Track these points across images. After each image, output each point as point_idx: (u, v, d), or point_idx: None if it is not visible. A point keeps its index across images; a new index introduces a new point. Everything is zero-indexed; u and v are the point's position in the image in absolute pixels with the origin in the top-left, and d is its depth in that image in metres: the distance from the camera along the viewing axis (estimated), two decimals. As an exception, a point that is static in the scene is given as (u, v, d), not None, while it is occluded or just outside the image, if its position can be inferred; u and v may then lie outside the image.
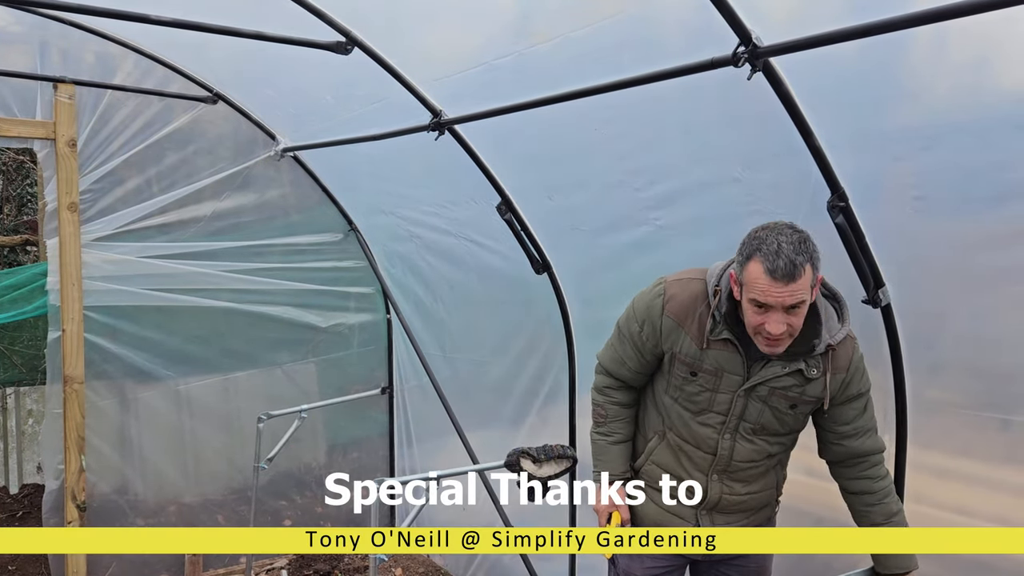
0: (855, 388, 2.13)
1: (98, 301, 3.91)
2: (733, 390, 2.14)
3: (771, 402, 2.13)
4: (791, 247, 1.89)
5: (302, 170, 4.46)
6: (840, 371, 2.10)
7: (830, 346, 2.07)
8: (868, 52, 1.87)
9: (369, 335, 4.78)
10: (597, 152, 2.82)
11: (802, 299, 1.93)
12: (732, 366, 2.12)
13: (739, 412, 2.16)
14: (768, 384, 2.12)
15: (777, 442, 2.22)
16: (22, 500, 5.23)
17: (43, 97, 3.72)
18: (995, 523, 2.17)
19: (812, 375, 2.09)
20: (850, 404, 2.14)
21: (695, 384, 2.18)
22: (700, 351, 2.13)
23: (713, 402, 2.17)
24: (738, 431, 2.18)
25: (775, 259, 1.88)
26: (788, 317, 1.94)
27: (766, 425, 2.16)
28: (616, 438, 2.35)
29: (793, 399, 2.12)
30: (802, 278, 1.90)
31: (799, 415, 2.16)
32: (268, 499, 4.55)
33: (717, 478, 2.23)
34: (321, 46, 2.84)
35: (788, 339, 2.00)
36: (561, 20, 2.39)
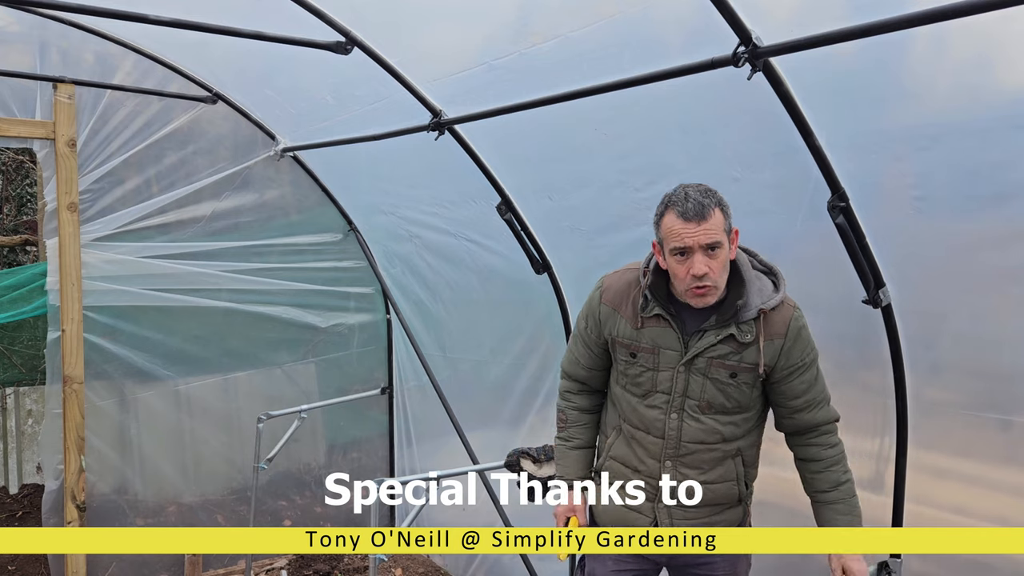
0: (797, 356, 2.11)
1: (98, 301, 3.90)
2: (672, 366, 2.14)
3: (711, 373, 2.12)
4: (697, 193, 2.01)
5: (302, 170, 4.46)
6: (777, 336, 2.09)
7: (762, 311, 2.08)
8: (868, 52, 1.87)
9: (369, 335, 4.78)
10: (597, 152, 2.82)
11: (717, 240, 1.99)
12: (668, 341, 2.14)
13: (682, 389, 2.14)
14: (705, 355, 2.11)
15: (728, 422, 2.16)
16: (22, 500, 5.23)
17: (43, 97, 3.72)
18: (995, 523, 2.17)
19: (746, 340, 2.09)
20: (798, 377, 2.13)
21: (636, 365, 2.19)
22: (636, 331, 2.17)
23: (656, 381, 2.17)
24: (684, 409, 2.16)
25: (684, 203, 2.00)
26: (708, 260, 2.00)
27: (711, 401, 2.13)
28: (575, 443, 2.37)
29: (732, 367, 2.11)
30: (712, 218, 1.98)
31: (742, 385, 2.13)
32: (268, 499, 4.55)
33: (671, 464, 2.19)
34: (321, 46, 2.84)
35: (715, 289, 2.03)
36: (561, 20, 2.40)
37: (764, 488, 2.79)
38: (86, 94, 3.83)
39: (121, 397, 4.06)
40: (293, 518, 4.64)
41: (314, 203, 4.54)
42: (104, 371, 3.98)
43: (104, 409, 4.01)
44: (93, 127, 3.86)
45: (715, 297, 2.06)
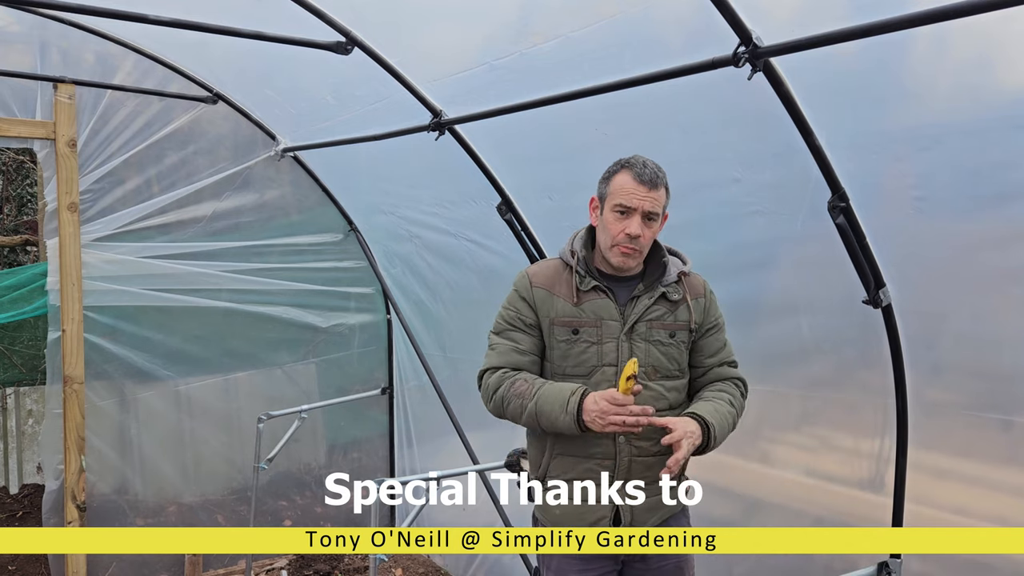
0: (713, 314, 2.29)
1: (98, 301, 3.91)
2: (616, 336, 2.18)
3: (652, 336, 2.20)
4: (654, 164, 2.15)
5: (302, 170, 4.46)
6: (699, 296, 2.28)
7: (682, 273, 2.26)
8: (869, 52, 1.87)
9: (369, 335, 4.78)
10: (597, 152, 2.82)
11: (658, 211, 2.14)
12: (608, 312, 2.20)
13: (627, 358, 2.16)
14: (644, 320, 2.20)
15: (672, 387, 2.23)
16: (22, 500, 5.23)
17: (43, 97, 3.72)
18: (995, 524, 2.17)
19: (675, 298, 2.23)
20: (714, 334, 2.30)
21: (580, 342, 2.18)
22: (575, 307, 2.21)
23: (602, 355, 2.18)
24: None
25: (642, 168, 2.13)
26: (644, 227, 2.13)
27: (656, 365, 2.20)
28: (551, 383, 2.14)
29: (669, 326, 2.22)
30: (660, 190, 2.14)
31: (680, 344, 2.24)
32: (268, 499, 4.55)
33: (624, 439, 2.16)
34: (321, 46, 2.84)
35: (639, 254, 2.17)
36: (561, 20, 2.40)
37: (764, 488, 2.80)
38: (86, 94, 3.83)
39: (121, 397, 4.07)
40: (293, 518, 4.64)
41: (314, 203, 4.54)
42: (104, 371, 3.98)
43: (104, 409, 4.01)
44: (93, 127, 3.86)
45: (636, 262, 2.19)
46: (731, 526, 2.73)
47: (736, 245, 2.57)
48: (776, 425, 2.76)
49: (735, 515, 2.60)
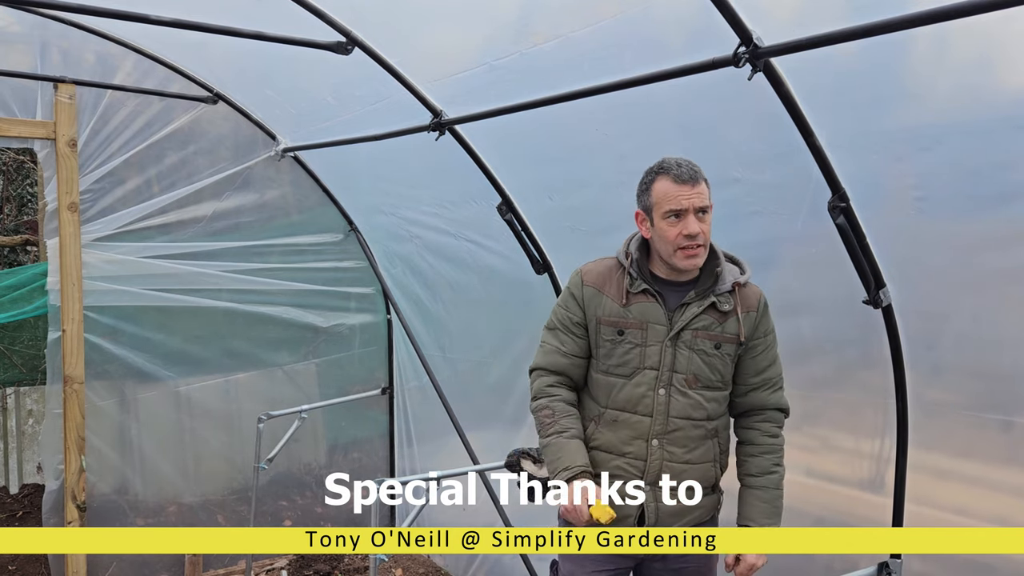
0: (763, 330, 2.23)
1: (98, 301, 3.90)
2: (660, 340, 2.18)
3: (696, 345, 2.18)
4: (687, 162, 2.13)
5: (302, 170, 4.46)
6: (751, 309, 2.21)
7: (737, 284, 2.20)
8: (869, 52, 1.87)
9: (369, 335, 4.78)
10: (598, 152, 2.82)
11: (707, 203, 2.12)
12: (655, 316, 2.19)
13: (670, 363, 2.18)
14: (691, 327, 2.17)
15: (712, 398, 2.21)
16: (22, 500, 5.23)
17: (43, 97, 3.72)
18: (996, 524, 2.17)
19: (725, 309, 2.18)
20: (763, 352, 2.24)
21: (624, 344, 2.21)
22: (623, 308, 2.21)
23: (644, 357, 2.19)
24: (672, 384, 2.18)
25: (678, 169, 2.11)
26: (700, 223, 2.11)
27: (698, 374, 2.18)
28: (571, 433, 2.22)
29: (715, 337, 2.19)
30: (702, 184, 2.12)
31: (725, 356, 2.20)
32: (268, 499, 4.55)
33: (657, 443, 2.18)
34: (321, 46, 2.84)
35: (704, 250, 2.14)
36: (562, 20, 2.40)
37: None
38: (87, 94, 3.83)
39: (122, 397, 4.06)
40: (293, 518, 4.64)
41: (315, 203, 4.54)
42: (105, 371, 3.98)
43: (105, 409, 4.01)
44: (94, 127, 3.86)
45: (703, 259, 2.15)
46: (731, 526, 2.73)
47: (736, 245, 2.57)
48: (776, 425, 2.76)
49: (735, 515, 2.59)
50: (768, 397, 2.25)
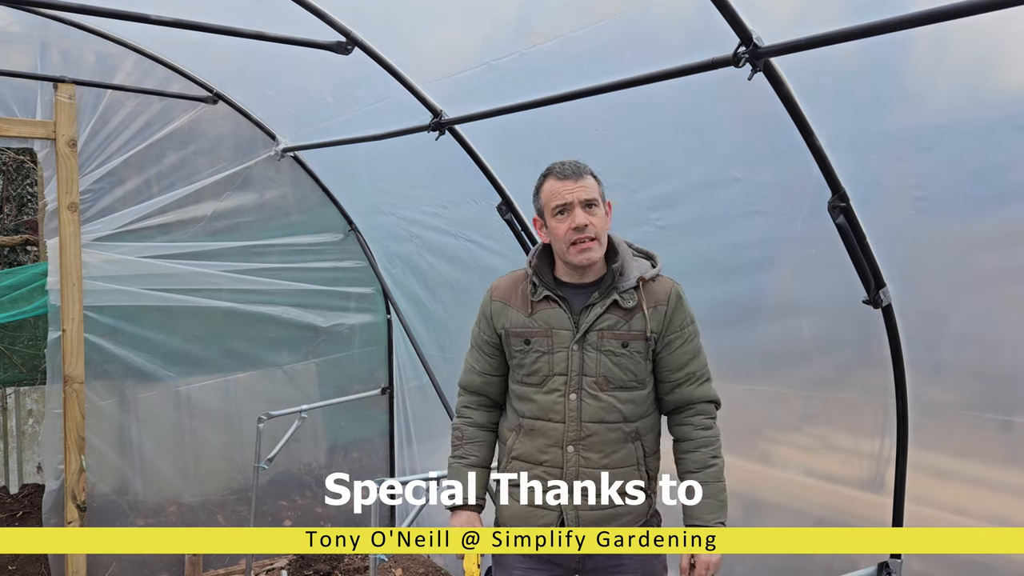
0: (678, 323, 2.17)
1: (98, 301, 3.91)
2: (567, 345, 2.16)
3: (604, 346, 2.14)
4: (572, 161, 2.15)
5: (302, 170, 4.46)
6: (659, 303, 2.16)
7: (642, 279, 2.16)
8: (869, 52, 1.87)
9: (369, 335, 4.78)
10: (597, 152, 2.81)
11: (594, 197, 2.11)
12: (559, 321, 2.17)
13: (578, 367, 2.15)
14: (595, 328, 2.14)
15: (627, 399, 2.15)
16: (22, 500, 5.23)
17: (43, 97, 3.72)
18: (996, 524, 2.17)
19: (628, 306, 2.14)
20: (681, 346, 2.17)
21: (532, 352, 2.20)
22: (528, 317, 2.21)
23: (552, 364, 2.17)
24: (582, 388, 2.15)
25: (560, 166, 2.14)
26: (588, 215, 2.10)
27: (608, 376, 2.14)
28: (471, 460, 2.29)
29: (622, 336, 2.14)
30: (587, 179, 2.13)
31: (635, 355, 2.15)
32: (268, 499, 4.55)
33: (573, 449, 2.15)
34: (321, 46, 2.84)
35: (597, 243, 2.11)
36: (561, 20, 2.40)
37: (765, 488, 2.80)
38: (87, 94, 3.83)
39: (122, 397, 4.06)
40: (293, 518, 4.64)
41: (314, 203, 4.54)
42: (105, 371, 3.98)
43: (105, 409, 4.01)
44: (94, 127, 3.86)
45: (598, 253, 2.13)
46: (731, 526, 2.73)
47: (736, 245, 2.57)
48: (777, 425, 2.76)
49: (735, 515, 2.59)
50: (694, 391, 2.19)
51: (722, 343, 2.76)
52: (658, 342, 2.17)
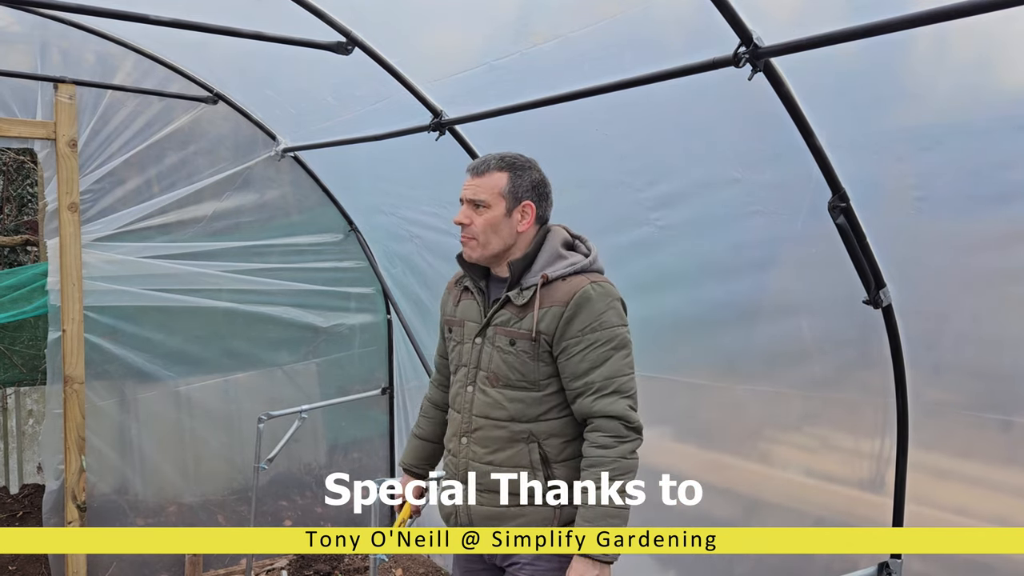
0: (578, 328, 2.00)
1: (98, 301, 3.90)
2: (472, 338, 2.17)
3: (496, 341, 2.10)
4: (497, 153, 2.12)
5: (302, 170, 4.46)
6: (557, 304, 2.03)
7: (544, 276, 2.06)
8: (869, 52, 1.87)
9: (369, 335, 4.78)
10: (597, 152, 2.82)
11: (482, 199, 2.08)
12: (471, 314, 2.19)
13: (476, 360, 2.15)
14: (493, 323, 2.13)
15: (515, 398, 2.08)
16: (22, 500, 5.23)
17: (43, 97, 3.72)
18: (996, 524, 2.17)
19: (519, 302, 2.07)
20: (579, 353, 2.00)
21: (451, 341, 2.26)
22: (454, 307, 2.26)
23: (461, 354, 2.20)
24: (476, 381, 2.14)
25: (474, 161, 2.15)
26: (472, 213, 2.10)
27: (496, 372, 2.09)
28: (418, 432, 2.49)
29: (510, 333, 2.08)
30: (488, 177, 2.09)
31: (522, 355, 2.06)
32: (268, 499, 4.55)
33: (465, 441, 2.15)
34: (321, 46, 2.84)
35: (476, 243, 2.10)
36: (562, 20, 2.40)
37: (765, 488, 2.80)
38: (87, 94, 3.83)
39: (122, 397, 4.06)
40: (293, 518, 4.64)
41: (315, 203, 4.54)
42: (105, 371, 3.98)
43: (105, 409, 4.00)
44: (94, 127, 3.86)
45: (478, 252, 2.12)
46: (731, 526, 2.73)
47: (736, 245, 2.57)
48: (776, 425, 2.76)
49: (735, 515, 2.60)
50: (592, 404, 2.00)
51: (722, 343, 2.77)
52: (553, 345, 2.05)
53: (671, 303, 2.83)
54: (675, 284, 2.82)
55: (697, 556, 2.26)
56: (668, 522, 2.28)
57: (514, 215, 2.12)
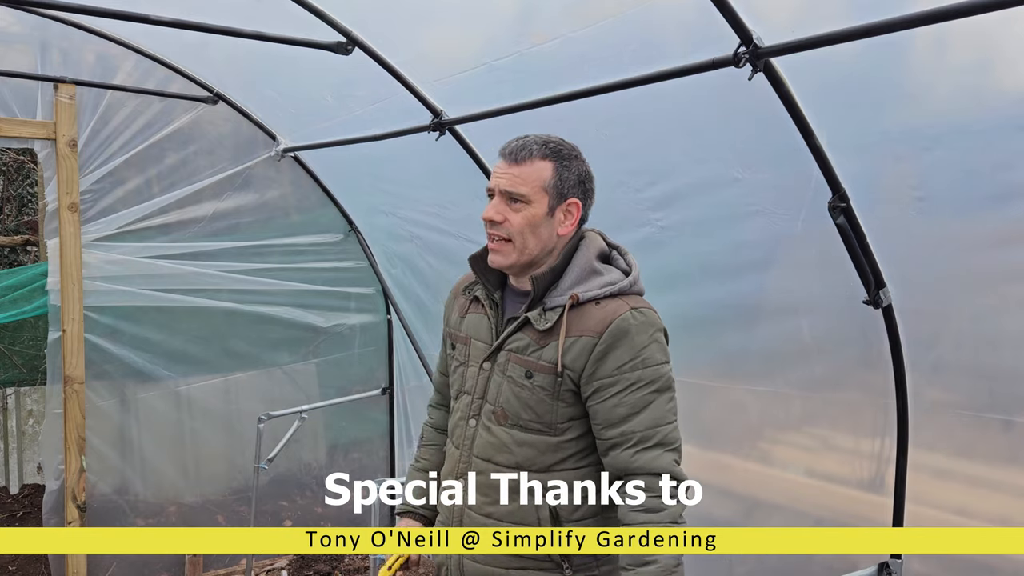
0: (613, 365, 1.65)
1: (98, 301, 3.90)
2: (479, 361, 1.80)
3: (508, 370, 1.73)
4: (538, 137, 1.74)
5: (302, 170, 4.46)
6: (588, 333, 1.66)
7: (574, 296, 1.68)
8: (869, 53, 1.87)
9: (369, 336, 4.78)
10: (598, 152, 2.80)
11: (521, 192, 1.69)
12: (480, 331, 1.82)
13: (482, 390, 1.78)
14: (507, 348, 1.75)
15: (524, 441, 1.72)
16: (22, 500, 5.23)
17: (44, 97, 3.72)
18: (996, 524, 2.17)
19: (542, 327, 1.69)
20: (615, 397, 1.65)
21: (454, 360, 1.89)
22: (460, 319, 1.90)
23: (465, 379, 1.84)
24: (480, 415, 1.78)
25: (511, 142, 1.74)
26: (507, 208, 1.71)
27: (506, 408, 1.73)
28: (421, 464, 2.07)
29: (528, 363, 1.70)
30: (528, 165, 1.70)
31: (538, 391, 1.69)
32: (268, 499, 4.55)
33: (461, 485, 1.82)
34: (321, 46, 2.84)
35: (510, 245, 1.72)
36: (562, 20, 2.40)
37: (764, 488, 2.80)
38: (87, 94, 3.83)
39: (122, 397, 4.06)
40: (293, 518, 4.64)
41: (315, 203, 4.54)
42: (105, 371, 3.98)
43: (105, 409, 4.00)
44: (94, 127, 3.86)
45: (512, 258, 1.74)
46: (731, 526, 2.72)
47: (736, 245, 2.57)
48: (776, 425, 2.76)
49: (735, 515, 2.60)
50: (632, 459, 1.65)
51: (722, 343, 2.77)
52: (580, 384, 1.69)
53: (671, 303, 2.82)
54: (675, 284, 2.82)
55: (697, 556, 2.25)
56: (668, 522, 2.28)
57: (556, 215, 1.74)
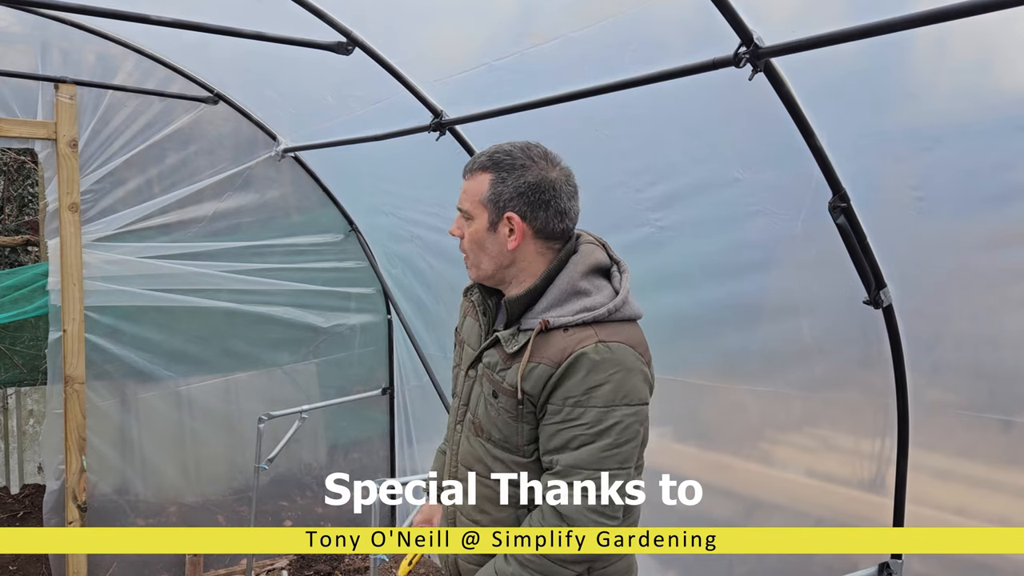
0: (562, 395, 1.57)
1: (99, 301, 3.91)
2: (466, 367, 1.79)
3: (483, 384, 1.71)
4: (496, 148, 1.67)
5: (303, 170, 4.46)
6: (548, 362, 1.59)
7: (544, 322, 1.60)
8: (870, 52, 1.87)
9: (370, 336, 4.78)
10: (598, 152, 2.82)
11: (466, 207, 1.68)
12: (471, 337, 1.80)
13: (467, 396, 1.78)
14: (483, 360, 1.73)
15: (496, 457, 1.70)
16: (23, 500, 5.23)
17: (44, 97, 3.73)
18: (996, 524, 2.17)
19: (510, 348, 1.64)
20: (555, 424, 1.59)
21: (454, 358, 1.91)
22: (463, 320, 1.90)
23: (457, 381, 1.85)
24: (464, 422, 1.78)
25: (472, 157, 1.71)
26: (464, 224, 1.71)
27: (482, 419, 1.71)
28: (442, 447, 2.08)
29: (495, 383, 1.67)
30: (472, 179, 1.67)
31: (503, 412, 1.66)
32: (268, 499, 4.55)
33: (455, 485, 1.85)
34: (322, 46, 2.84)
35: (468, 262, 1.74)
36: (562, 20, 2.40)
37: (765, 488, 2.80)
38: (87, 94, 3.83)
39: (122, 397, 4.07)
40: (294, 518, 4.64)
41: (315, 203, 4.54)
42: (105, 371, 3.98)
43: (105, 409, 4.01)
44: (94, 127, 3.86)
45: (473, 273, 1.76)
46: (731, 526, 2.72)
47: (736, 245, 2.57)
48: (777, 425, 2.76)
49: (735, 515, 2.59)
50: (548, 487, 1.62)
51: (722, 343, 2.77)
52: (536, 408, 1.64)
53: (671, 303, 2.83)
54: (675, 284, 2.82)
55: (697, 556, 2.26)
56: (668, 522, 2.28)
57: (500, 229, 1.68)
